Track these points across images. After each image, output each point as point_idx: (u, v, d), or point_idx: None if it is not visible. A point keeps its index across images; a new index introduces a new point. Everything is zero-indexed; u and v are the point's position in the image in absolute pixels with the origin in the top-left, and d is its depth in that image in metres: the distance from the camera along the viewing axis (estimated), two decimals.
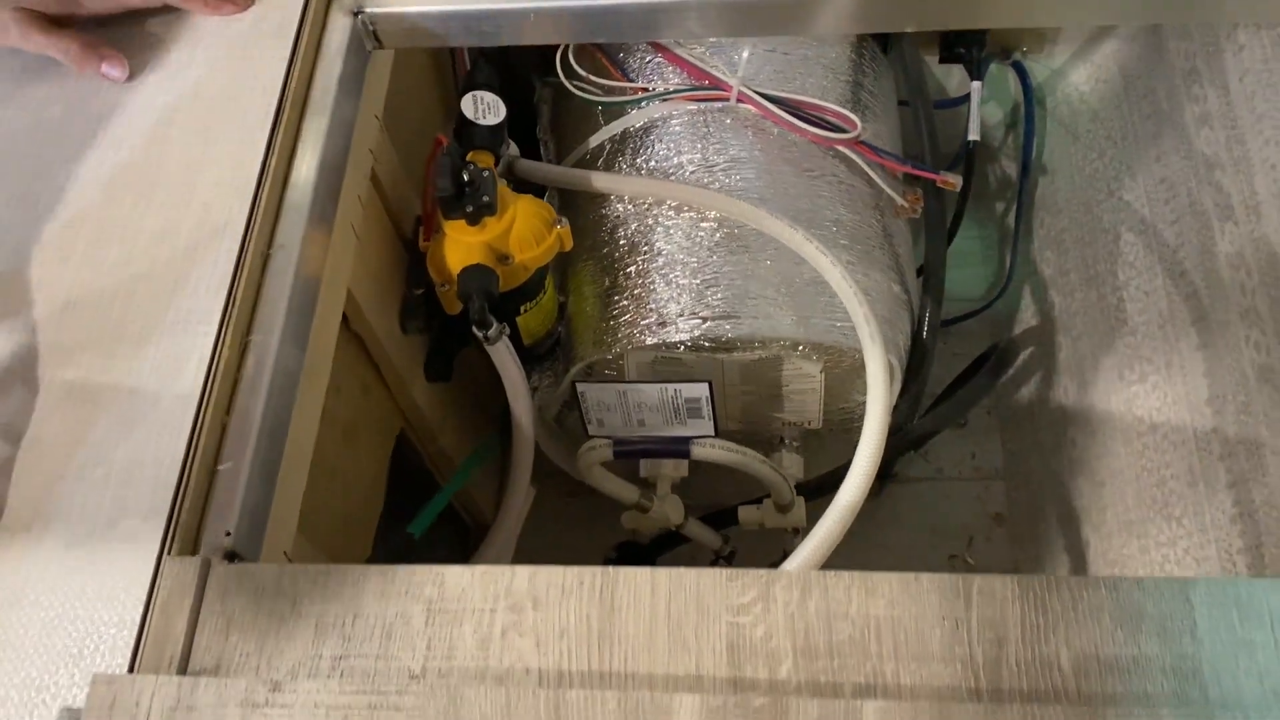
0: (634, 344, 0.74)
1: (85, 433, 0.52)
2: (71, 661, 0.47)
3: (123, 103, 0.62)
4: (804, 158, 0.81)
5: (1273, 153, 0.78)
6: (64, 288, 0.56)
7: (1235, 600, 0.44)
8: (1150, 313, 0.91)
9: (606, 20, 0.68)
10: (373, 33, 0.68)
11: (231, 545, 0.51)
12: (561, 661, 0.46)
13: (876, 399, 0.63)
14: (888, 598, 0.46)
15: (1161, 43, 0.94)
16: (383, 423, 0.77)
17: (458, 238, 0.69)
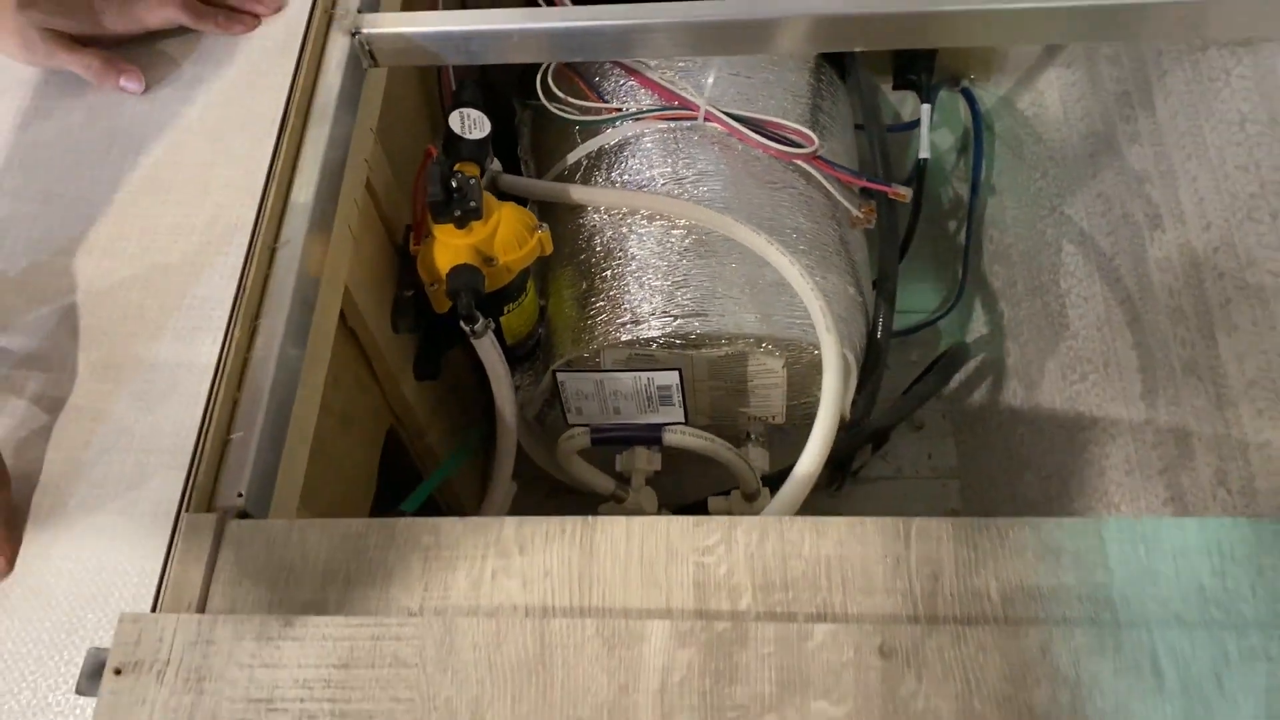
0: (610, 341, 0.80)
1: (109, 405, 0.57)
2: (98, 606, 0.52)
3: (140, 113, 0.68)
4: (766, 171, 0.87)
5: (1194, 166, 0.85)
6: (87, 277, 0.61)
7: (1142, 536, 0.50)
8: (1089, 317, 0.97)
9: (583, 40, 0.74)
10: (369, 51, 0.74)
11: (244, 506, 0.56)
12: (546, 599, 0.51)
13: (831, 380, 0.69)
14: (836, 539, 0.51)
15: (1096, 70, 1.02)
16: (375, 416, 0.82)
17: (446, 240, 0.75)
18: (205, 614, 0.51)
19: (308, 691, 0.48)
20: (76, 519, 0.54)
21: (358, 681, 0.48)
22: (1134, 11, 0.72)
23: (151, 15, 0.69)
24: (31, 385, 0.58)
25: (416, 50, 0.75)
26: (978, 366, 1.10)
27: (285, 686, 0.48)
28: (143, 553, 0.53)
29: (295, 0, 0.73)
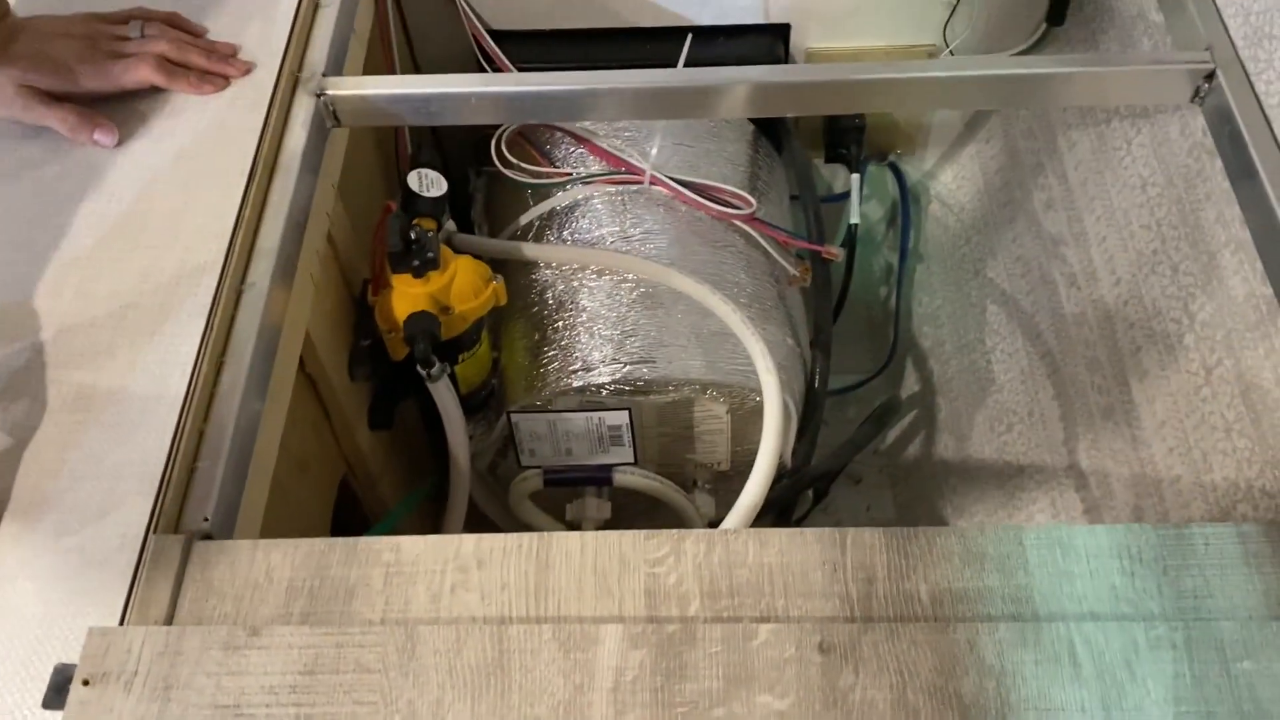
0: (562, 387, 0.83)
1: (80, 435, 0.59)
2: (65, 624, 0.53)
3: (112, 164, 0.71)
4: (709, 231, 0.93)
5: (1103, 228, 0.92)
6: (59, 316, 0.64)
7: (1059, 542, 0.54)
8: (1013, 371, 1.03)
9: (537, 104, 0.79)
10: (333, 112, 0.78)
11: (209, 529, 0.58)
12: (503, 610, 0.53)
13: (772, 412, 0.73)
14: (778, 548, 0.55)
15: (1013, 143, 1.10)
16: (330, 464, 0.84)
17: (404, 289, 0.79)
18: (173, 625, 0.52)
19: (274, 697, 0.49)
20: (47, 543, 0.56)
21: (322, 687, 0.50)
22: (1039, 81, 0.79)
23: (127, 75, 0.73)
24: (4, 417, 0.60)
25: (378, 111, 0.79)
26: (911, 421, 1.15)
27: (252, 693, 0.50)
28: (111, 574, 0.55)
29: (263, 62, 0.77)
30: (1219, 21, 0.77)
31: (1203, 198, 0.78)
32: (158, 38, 0.75)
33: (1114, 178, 0.91)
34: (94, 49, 0.73)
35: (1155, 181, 0.85)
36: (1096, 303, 0.92)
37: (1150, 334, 0.84)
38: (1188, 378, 0.78)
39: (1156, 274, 0.84)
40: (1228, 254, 0.75)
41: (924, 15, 1.06)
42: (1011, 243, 1.07)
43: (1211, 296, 0.76)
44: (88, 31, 0.74)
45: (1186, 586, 0.53)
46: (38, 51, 0.72)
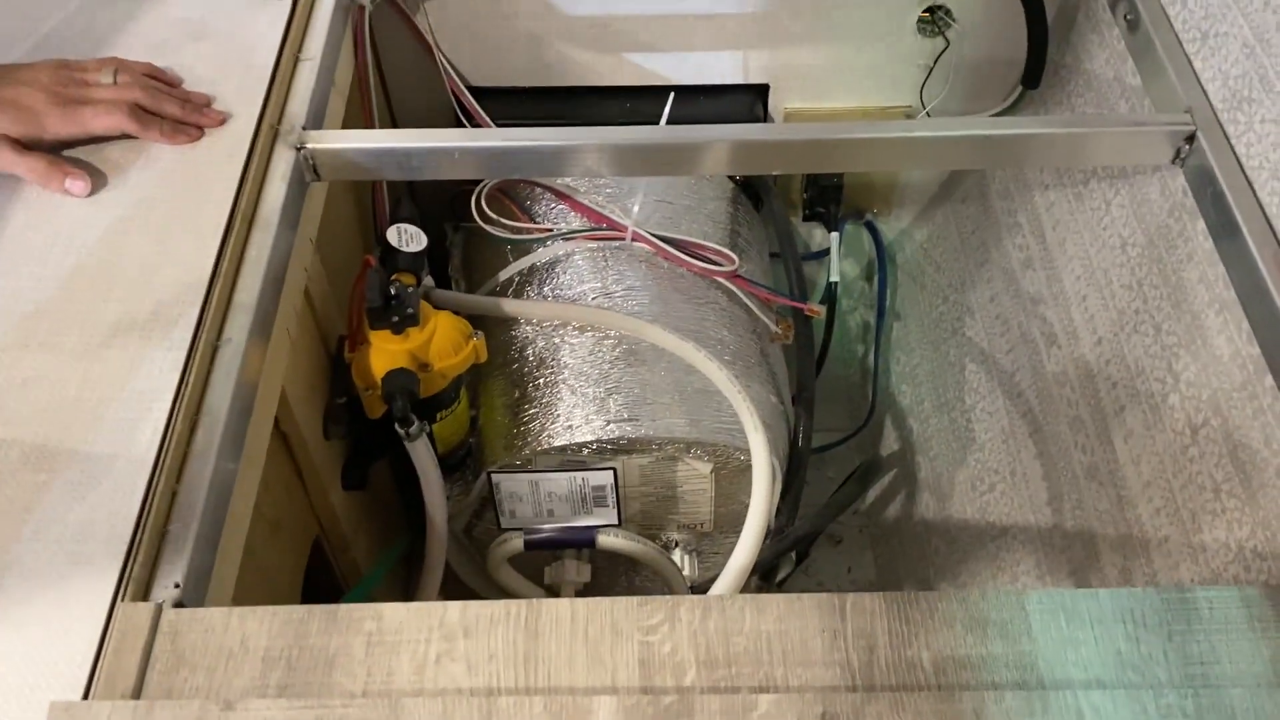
0: (542, 446, 0.81)
1: (42, 495, 0.57)
2: (24, 696, 0.50)
3: (84, 215, 0.69)
4: (692, 288, 0.92)
5: (1083, 286, 0.92)
6: (23, 369, 0.61)
7: (1062, 607, 0.53)
8: (994, 430, 1.03)
9: (520, 159, 0.78)
10: (312, 166, 0.77)
11: (179, 597, 0.55)
12: (491, 681, 0.51)
13: (761, 471, 0.72)
14: (775, 615, 0.53)
15: (988, 202, 1.11)
16: (302, 525, 0.81)
17: (383, 346, 0.77)
18: (141, 700, 0.49)
19: None
20: (5, 612, 0.53)
21: None
22: (1020, 141, 0.80)
23: (97, 121, 0.71)
24: None
25: (359, 166, 0.78)
26: (891, 481, 1.14)
27: None
28: (75, 644, 0.52)
29: (241, 114, 0.76)
30: (1198, 85, 0.78)
31: (1184, 258, 0.79)
32: (131, 85, 0.73)
33: (1093, 237, 0.92)
34: (64, 95, 0.71)
35: (1136, 241, 0.85)
36: (1078, 361, 0.92)
37: (1134, 393, 0.83)
38: (1174, 437, 0.78)
39: (1139, 333, 0.84)
40: (1212, 314, 0.75)
41: (900, 77, 1.07)
42: (990, 301, 1.07)
43: (1196, 356, 0.76)
44: (58, 77, 0.72)
45: (1193, 652, 0.51)
46: (4, 98, 0.70)
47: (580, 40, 1.03)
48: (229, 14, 0.82)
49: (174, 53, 0.79)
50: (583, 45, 1.03)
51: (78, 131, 0.71)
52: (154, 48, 0.79)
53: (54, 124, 0.70)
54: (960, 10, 1.01)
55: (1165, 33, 0.83)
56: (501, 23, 1.01)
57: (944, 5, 1.00)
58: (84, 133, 0.71)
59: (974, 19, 1.01)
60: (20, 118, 0.70)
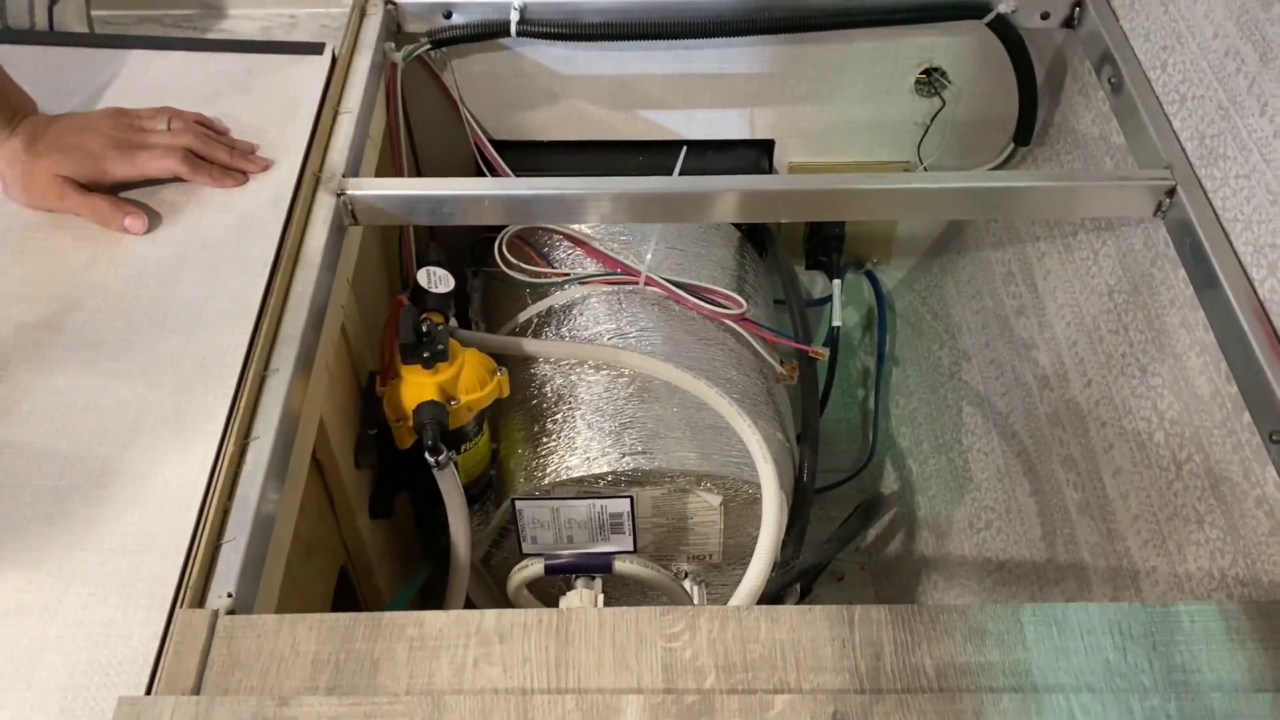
0: (561, 478, 0.86)
1: (102, 509, 0.61)
2: (90, 694, 0.54)
3: (140, 251, 0.74)
4: (701, 330, 0.97)
5: (1072, 332, 0.98)
6: (87, 393, 0.66)
7: (1054, 619, 0.57)
8: (990, 470, 1.07)
9: (544, 206, 0.84)
10: (350, 211, 0.82)
11: (232, 605, 0.59)
12: (525, 683, 0.55)
13: (770, 499, 0.76)
14: (789, 625, 0.57)
15: (984, 254, 1.16)
16: (332, 550, 0.85)
17: (413, 379, 0.81)
18: (201, 695, 0.53)
19: None
20: (69, 615, 0.57)
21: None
22: (1012, 194, 0.85)
23: (153, 165, 0.76)
24: (27, 492, 0.61)
25: (393, 211, 0.83)
26: (892, 520, 1.18)
27: None
28: (137, 646, 0.56)
29: (284, 161, 0.81)
30: (1177, 143, 0.84)
31: (1167, 304, 0.84)
32: (184, 131, 0.79)
33: (1082, 285, 0.97)
34: (123, 140, 0.77)
35: (1122, 289, 0.91)
36: (1069, 402, 0.97)
37: (1121, 432, 0.88)
38: (1159, 473, 0.82)
39: (1126, 375, 0.88)
40: (1193, 355, 0.80)
41: (898, 134, 1.13)
42: (985, 347, 1.12)
43: (1179, 396, 0.81)
44: (117, 124, 0.78)
45: (1176, 661, 0.55)
46: (68, 143, 0.75)
47: (596, 97, 1.09)
48: (273, 69, 0.88)
49: (222, 103, 0.85)
50: (598, 102, 1.09)
51: (135, 174, 0.76)
52: (204, 99, 0.84)
53: (113, 167, 0.76)
54: (955, 72, 1.07)
55: (1147, 95, 0.88)
56: (522, 80, 1.07)
57: (940, 68, 1.07)
58: (140, 175, 0.77)
59: (968, 80, 1.07)
60: (83, 161, 0.75)
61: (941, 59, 1.06)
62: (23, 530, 0.60)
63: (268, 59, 0.89)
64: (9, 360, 0.68)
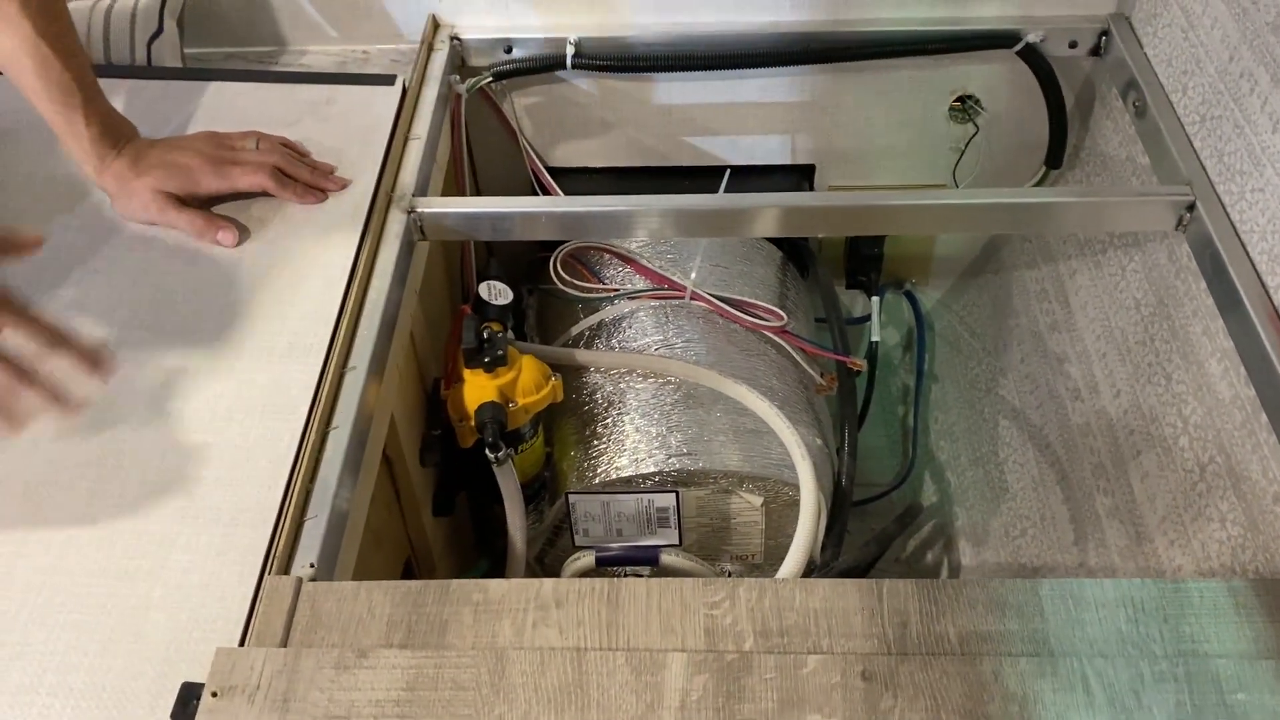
0: (610, 477, 0.91)
1: (199, 486, 0.67)
2: (190, 647, 0.60)
3: (231, 261, 0.81)
4: (744, 341, 1.02)
5: (1102, 345, 1.02)
6: (185, 385, 0.73)
7: (1070, 593, 0.61)
8: (1025, 480, 1.11)
9: (598, 222, 0.90)
10: (419, 227, 0.89)
11: (314, 575, 0.65)
12: (580, 641, 0.60)
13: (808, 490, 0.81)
14: (822, 595, 0.62)
15: (1018, 273, 1.21)
16: (398, 542, 0.91)
17: (475, 382, 0.87)
18: (289, 647, 0.59)
19: (380, 709, 0.56)
20: (171, 579, 0.63)
21: (423, 701, 0.56)
22: (1041, 209, 0.90)
23: (244, 180, 0.84)
24: (134, 471, 0.68)
25: (458, 228, 0.90)
26: (930, 530, 1.22)
27: (361, 706, 0.56)
28: (230, 606, 0.62)
29: (360, 181, 0.88)
30: (1197, 160, 0.88)
31: (1190, 314, 0.88)
32: (271, 151, 0.86)
33: (1111, 300, 1.01)
34: (216, 157, 0.84)
35: (1148, 302, 0.95)
36: (1099, 412, 1.00)
37: (1149, 438, 0.92)
38: (1184, 475, 0.86)
39: (1152, 384, 0.92)
40: (1214, 362, 0.84)
41: (934, 158, 1.18)
42: (1019, 362, 1.16)
43: (1202, 401, 0.85)
44: (210, 144, 0.86)
45: (1185, 632, 0.59)
46: (168, 161, 0.83)
47: (645, 125, 1.16)
48: (349, 98, 0.96)
49: (303, 129, 0.92)
50: (647, 130, 1.16)
51: (227, 188, 0.84)
52: (287, 125, 0.92)
53: (207, 181, 0.83)
54: (988, 99, 1.12)
55: (1169, 117, 0.93)
56: (576, 109, 1.14)
57: (973, 95, 1.12)
58: (231, 189, 0.84)
59: (1000, 106, 1.12)
60: (180, 177, 0.83)
61: (974, 86, 1.11)
62: (129, 504, 0.67)
63: (344, 89, 0.97)
64: (116, 354, 0.75)
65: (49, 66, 0.77)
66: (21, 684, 0.59)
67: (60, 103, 0.79)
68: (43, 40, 0.76)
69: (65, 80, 0.78)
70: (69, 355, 0.62)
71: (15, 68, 0.77)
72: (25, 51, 0.76)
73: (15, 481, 0.68)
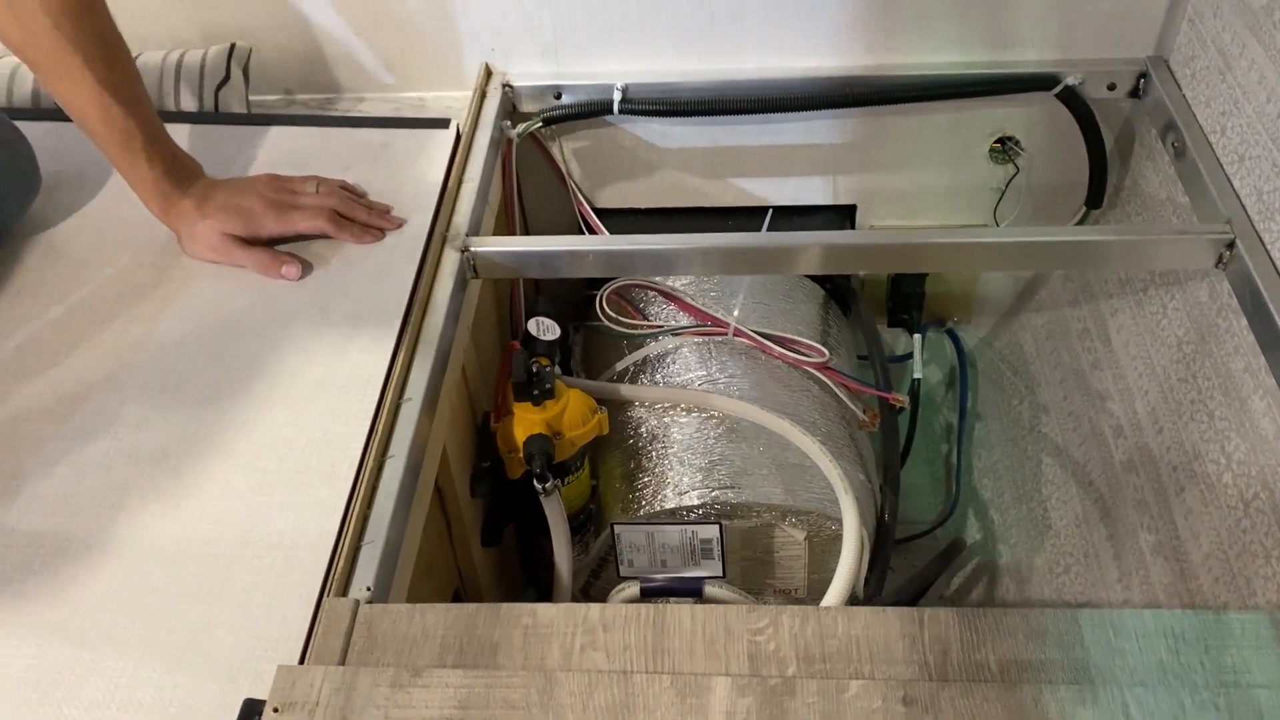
0: (655, 509, 0.93)
1: (262, 512, 0.70)
2: (252, 665, 0.62)
3: (294, 297, 0.85)
4: (787, 377, 1.04)
5: (1145, 383, 1.02)
6: (248, 415, 0.76)
7: (1110, 623, 0.62)
8: (1068, 517, 1.11)
9: (644, 260, 0.93)
10: (472, 265, 0.92)
11: (370, 598, 0.67)
12: (626, 665, 0.62)
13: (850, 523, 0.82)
14: (864, 623, 0.63)
15: (1060, 312, 1.21)
16: (448, 571, 0.94)
17: (524, 415, 0.90)
18: (346, 666, 0.61)
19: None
20: (235, 600, 0.66)
21: (475, 719, 0.58)
22: (1083, 247, 0.91)
23: (304, 223, 0.88)
24: (200, 499, 0.71)
25: (509, 266, 0.93)
26: (975, 568, 1.22)
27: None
28: (290, 626, 0.64)
29: (415, 221, 0.92)
30: (1236, 199, 0.89)
31: (1232, 351, 0.88)
32: (329, 194, 0.90)
33: (1153, 338, 1.02)
34: (277, 201, 0.88)
35: (1190, 339, 0.95)
36: (1142, 449, 1.01)
37: (1192, 474, 0.92)
38: (1228, 512, 0.86)
39: (1195, 420, 0.93)
40: (1257, 399, 0.84)
41: (975, 198, 1.19)
42: (1062, 400, 1.17)
43: (1245, 438, 0.85)
44: (272, 187, 0.90)
45: (1226, 663, 0.60)
46: (233, 204, 0.87)
47: (690, 167, 1.19)
48: (406, 142, 1.00)
49: (362, 171, 0.96)
50: (692, 171, 1.19)
51: (288, 231, 0.88)
52: (346, 167, 0.96)
53: (270, 225, 0.87)
54: (1027, 140, 1.14)
55: (1208, 157, 0.94)
56: (622, 153, 1.18)
57: (1013, 136, 1.14)
58: (293, 232, 0.88)
59: (1040, 148, 1.14)
60: (243, 220, 0.87)
61: (1014, 128, 1.13)
62: (196, 529, 0.70)
63: (401, 133, 1.01)
64: (181, 387, 0.78)
65: (110, 113, 0.81)
66: (94, 700, 0.61)
67: (123, 146, 0.83)
68: (105, 89, 0.80)
69: (129, 126, 0.82)
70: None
71: (80, 115, 0.82)
72: (89, 101, 0.80)
73: (89, 505, 0.71)
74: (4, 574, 0.67)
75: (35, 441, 0.75)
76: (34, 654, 0.63)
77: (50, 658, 0.63)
